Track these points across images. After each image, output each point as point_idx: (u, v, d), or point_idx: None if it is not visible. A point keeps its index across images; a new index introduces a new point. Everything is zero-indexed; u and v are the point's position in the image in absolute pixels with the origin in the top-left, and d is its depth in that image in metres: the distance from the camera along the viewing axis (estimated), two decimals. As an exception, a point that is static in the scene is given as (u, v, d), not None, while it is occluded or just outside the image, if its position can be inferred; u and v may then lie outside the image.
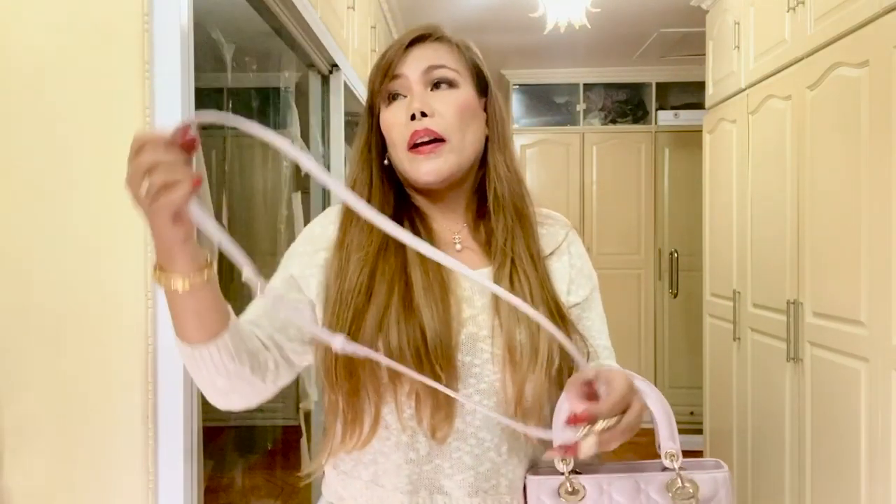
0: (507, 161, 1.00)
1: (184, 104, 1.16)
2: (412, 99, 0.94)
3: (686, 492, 0.80)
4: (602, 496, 0.82)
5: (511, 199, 0.98)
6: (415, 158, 0.93)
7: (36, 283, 1.12)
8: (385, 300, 0.89)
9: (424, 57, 0.95)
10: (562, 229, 1.04)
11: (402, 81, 0.95)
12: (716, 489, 0.81)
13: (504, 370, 0.90)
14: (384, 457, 0.92)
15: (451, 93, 0.95)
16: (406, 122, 0.93)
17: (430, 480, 0.90)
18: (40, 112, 1.12)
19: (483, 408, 0.89)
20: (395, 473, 0.91)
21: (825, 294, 2.09)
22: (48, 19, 1.12)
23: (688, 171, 4.60)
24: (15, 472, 1.12)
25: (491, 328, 0.91)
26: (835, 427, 2.03)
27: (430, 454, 0.90)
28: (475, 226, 1.00)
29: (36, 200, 1.13)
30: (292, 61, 2.69)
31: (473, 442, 0.90)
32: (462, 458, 0.90)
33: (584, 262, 1.03)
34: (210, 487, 2.96)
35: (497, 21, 3.73)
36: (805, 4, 2.21)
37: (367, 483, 0.93)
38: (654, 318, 4.82)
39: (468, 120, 0.95)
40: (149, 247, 1.13)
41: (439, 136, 0.92)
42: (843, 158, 1.98)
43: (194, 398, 1.21)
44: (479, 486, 0.90)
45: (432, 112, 0.92)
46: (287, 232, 2.88)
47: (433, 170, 0.92)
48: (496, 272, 0.94)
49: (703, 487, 0.81)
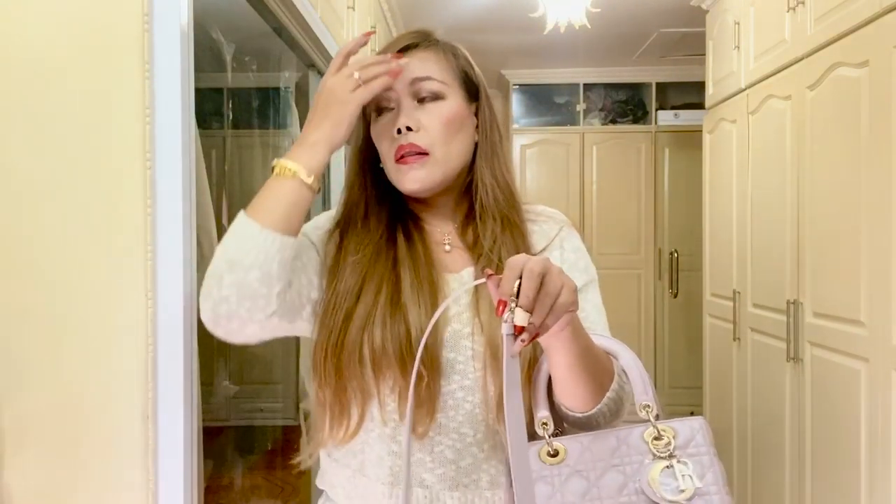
0: (494, 169, 1.01)
1: (184, 104, 1.16)
2: (398, 113, 0.96)
3: (662, 438, 0.82)
4: (584, 452, 0.83)
5: (496, 206, 1.00)
6: (400, 169, 0.96)
7: (36, 283, 1.12)
8: (373, 299, 0.92)
9: (410, 68, 0.96)
10: (555, 225, 1.04)
11: (390, 94, 0.97)
12: (692, 434, 0.83)
13: (486, 367, 0.92)
14: (369, 447, 0.95)
15: (437, 105, 0.96)
16: (393, 136, 0.96)
17: (411, 473, 0.92)
18: (40, 112, 1.12)
19: (468, 404, 0.91)
20: (377, 464, 0.94)
21: (825, 294, 2.09)
22: (48, 19, 1.12)
23: (688, 171, 4.60)
24: (15, 472, 1.12)
25: (472, 325, 0.93)
26: (835, 427, 2.03)
27: (412, 448, 0.92)
28: (464, 227, 1.02)
29: (36, 200, 1.13)
30: (292, 61, 2.69)
31: (455, 437, 0.92)
32: (444, 453, 0.92)
33: (579, 257, 1.03)
34: (210, 487, 2.96)
35: (497, 21, 3.73)
36: (805, 4, 2.21)
37: (353, 472, 0.96)
38: (654, 318, 4.82)
39: (454, 132, 0.97)
40: (149, 247, 1.13)
41: (423, 151, 0.95)
42: (843, 158, 1.98)
43: (194, 398, 1.21)
44: (460, 480, 0.92)
45: (418, 127, 0.95)
46: (287, 232, 2.88)
47: (417, 179, 0.95)
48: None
49: (679, 433, 0.83)
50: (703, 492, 0.79)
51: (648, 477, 0.79)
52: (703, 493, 0.79)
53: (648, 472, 0.79)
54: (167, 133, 1.14)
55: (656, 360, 4.80)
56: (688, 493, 0.79)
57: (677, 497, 0.78)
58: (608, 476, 0.82)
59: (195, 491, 1.20)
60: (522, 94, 5.02)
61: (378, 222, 0.99)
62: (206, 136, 2.65)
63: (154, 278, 1.13)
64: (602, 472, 0.82)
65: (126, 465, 1.13)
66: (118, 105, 1.13)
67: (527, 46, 4.24)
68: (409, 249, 0.97)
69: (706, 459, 0.81)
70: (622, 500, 0.79)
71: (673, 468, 0.80)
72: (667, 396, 4.73)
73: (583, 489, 0.81)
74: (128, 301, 1.13)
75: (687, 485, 0.79)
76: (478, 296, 0.94)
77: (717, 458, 0.83)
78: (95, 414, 1.13)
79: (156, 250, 1.14)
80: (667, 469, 0.80)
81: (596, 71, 4.88)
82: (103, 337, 1.13)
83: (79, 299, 1.13)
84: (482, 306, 0.93)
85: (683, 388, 4.59)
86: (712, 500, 0.79)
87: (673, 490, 0.79)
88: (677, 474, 0.80)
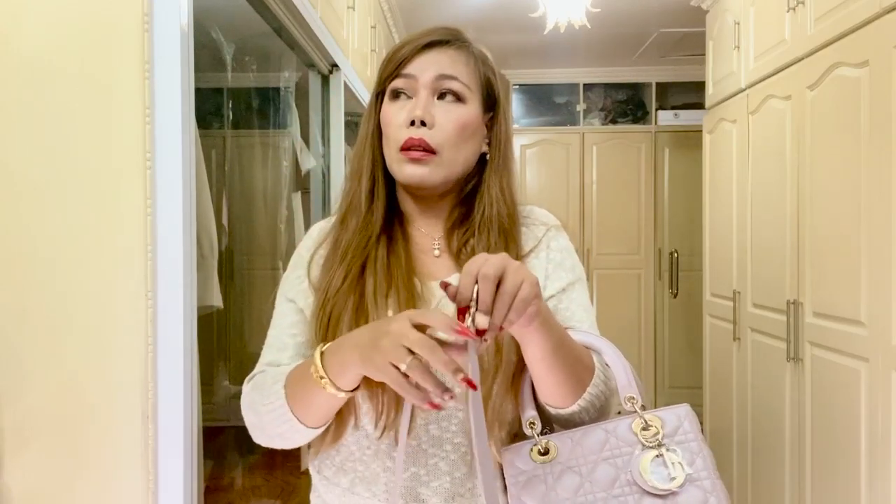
0: (503, 183, 0.99)
1: (184, 104, 1.16)
2: (415, 103, 0.93)
3: (650, 428, 0.83)
4: (574, 448, 0.84)
5: (498, 219, 0.98)
6: (402, 159, 0.93)
7: (36, 284, 1.12)
8: (343, 305, 0.91)
9: (439, 63, 0.94)
10: (542, 227, 1.03)
11: (410, 82, 0.94)
12: (679, 421, 0.84)
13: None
14: (363, 465, 0.93)
15: (456, 107, 0.94)
16: (403, 125, 0.93)
17: (406, 489, 0.91)
18: (40, 112, 1.12)
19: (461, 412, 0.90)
20: (372, 482, 0.92)
21: (825, 294, 2.09)
22: (48, 19, 1.12)
23: (688, 171, 4.60)
24: (15, 471, 1.12)
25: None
26: (835, 427, 2.03)
27: (406, 462, 0.91)
28: (449, 234, 0.99)
29: (36, 200, 1.13)
30: (292, 61, 2.69)
31: (449, 448, 0.91)
32: (438, 465, 0.91)
33: (566, 257, 1.01)
34: (210, 487, 2.96)
35: (497, 21, 3.73)
36: (805, 4, 2.21)
37: (343, 490, 0.94)
38: (654, 318, 4.82)
39: (466, 138, 0.95)
40: (149, 247, 1.13)
41: (432, 149, 0.92)
42: (843, 158, 1.98)
43: (194, 398, 1.21)
44: (456, 490, 0.91)
45: (432, 123, 0.92)
46: (287, 232, 2.88)
47: (417, 175, 0.93)
48: None
49: (666, 422, 0.84)
50: (693, 478, 0.80)
51: (639, 467, 0.80)
52: (693, 479, 0.80)
53: (639, 463, 0.80)
54: (167, 133, 1.14)
55: (656, 360, 4.80)
56: (679, 481, 0.79)
57: (668, 485, 0.79)
58: (600, 469, 0.82)
59: (195, 491, 1.20)
60: (522, 94, 5.02)
61: (374, 220, 0.96)
62: (206, 136, 2.65)
63: (154, 278, 1.14)
64: (594, 466, 0.83)
65: (126, 465, 1.13)
66: (118, 105, 1.13)
67: (527, 46, 4.24)
68: (387, 255, 0.94)
69: (694, 446, 0.82)
70: (615, 492, 0.80)
71: (663, 457, 0.81)
72: (667, 396, 4.72)
73: (576, 485, 0.82)
74: (128, 301, 1.13)
75: (677, 472, 0.80)
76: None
77: (705, 444, 0.83)
78: (95, 414, 1.13)
79: (156, 250, 1.14)
80: (657, 458, 0.81)
81: (596, 71, 4.88)
82: (103, 337, 1.13)
83: (79, 299, 1.13)
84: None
85: (683, 388, 4.59)
86: (703, 484, 0.80)
87: (664, 478, 0.79)
88: (667, 462, 0.80)
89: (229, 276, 3.24)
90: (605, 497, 0.81)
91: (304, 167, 2.76)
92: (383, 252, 0.94)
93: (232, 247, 3.14)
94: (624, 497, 0.80)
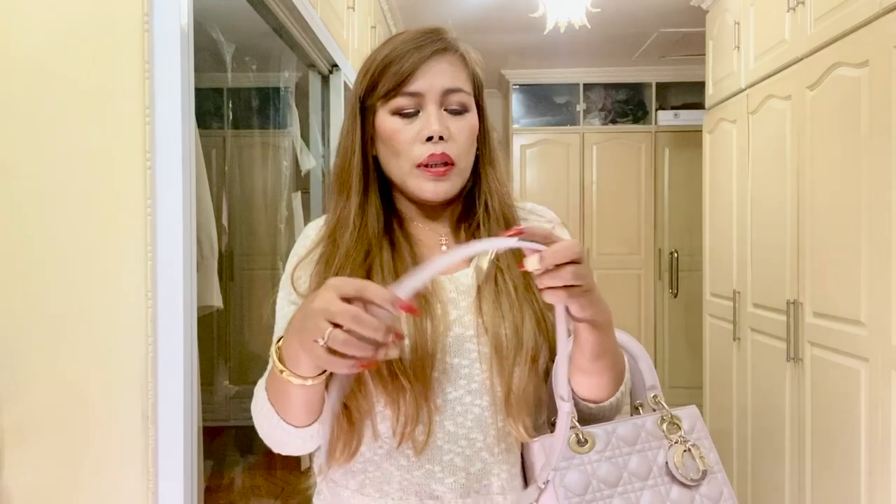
0: (497, 173, 1.00)
1: (184, 104, 1.16)
2: (430, 119, 0.91)
3: (674, 425, 0.94)
4: (610, 439, 0.90)
5: (501, 210, 0.99)
6: (422, 175, 0.92)
7: (36, 284, 1.12)
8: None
9: (442, 76, 0.93)
10: (547, 222, 1.04)
11: (417, 99, 0.93)
12: (693, 421, 0.96)
13: (492, 368, 0.91)
14: (374, 465, 0.92)
15: (463, 117, 0.94)
16: (419, 141, 0.91)
17: (420, 486, 0.90)
18: (40, 112, 1.12)
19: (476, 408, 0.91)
20: (385, 481, 0.92)
21: (825, 294, 2.09)
22: (48, 19, 1.12)
23: (688, 171, 4.60)
24: (15, 471, 1.12)
25: (476, 327, 0.92)
26: (835, 427, 2.03)
27: (421, 459, 0.90)
28: (456, 229, 1.00)
29: (36, 200, 1.13)
30: (292, 61, 2.69)
31: (465, 443, 0.91)
32: (453, 461, 0.90)
33: None
34: (210, 487, 2.96)
35: (497, 21, 3.73)
36: (805, 4, 2.21)
37: (353, 492, 0.94)
38: (654, 318, 4.82)
39: (473, 143, 0.96)
40: (149, 247, 1.13)
41: (452, 161, 0.92)
42: (843, 158, 1.98)
43: (194, 398, 1.21)
44: (471, 486, 0.91)
45: (449, 136, 0.92)
46: (287, 232, 2.88)
47: (441, 191, 0.93)
48: None
49: (684, 421, 0.95)
50: (712, 471, 0.92)
51: (675, 460, 0.90)
52: (710, 472, 0.92)
53: (673, 456, 0.91)
54: (167, 133, 1.14)
55: (656, 360, 4.80)
56: (702, 473, 0.91)
57: (697, 476, 0.90)
58: (633, 461, 0.90)
59: (195, 491, 1.20)
60: (522, 94, 5.02)
61: (369, 229, 0.95)
62: (206, 136, 2.66)
63: (154, 278, 1.13)
64: (628, 458, 0.90)
65: (126, 465, 1.13)
66: (118, 105, 1.13)
67: (527, 46, 4.24)
68: (392, 258, 0.94)
69: (706, 443, 0.94)
70: (649, 482, 0.89)
71: (690, 451, 0.92)
72: (667, 396, 4.64)
73: (615, 476, 0.88)
74: (128, 301, 1.13)
75: (703, 465, 0.91)
76: (479, 298, 0.93)
77: (712, 442, 0.95)
78: (95, 414, 1.13)
79: (156, 250, 1.14)
80: (685, 452, 0.92)
81: (596, 71, 4.88)
82: (103, 337, 1.13)
83: (79, 299, 1.13)
84: (484, 308, 0.92)
85: (683, 388, 4.58)
86: (717, 477, 0.92)
87: (694, 470, 0.91)
88: (695, 456, 0.91)
89: (229, 276, 3.24)
90: (642, 486, 0.89)
91: (304, 167, 2.76)
92: (388, 256, 0.94)
93: (232, 247, 3.14)
94: (657, 487, 0.89)
